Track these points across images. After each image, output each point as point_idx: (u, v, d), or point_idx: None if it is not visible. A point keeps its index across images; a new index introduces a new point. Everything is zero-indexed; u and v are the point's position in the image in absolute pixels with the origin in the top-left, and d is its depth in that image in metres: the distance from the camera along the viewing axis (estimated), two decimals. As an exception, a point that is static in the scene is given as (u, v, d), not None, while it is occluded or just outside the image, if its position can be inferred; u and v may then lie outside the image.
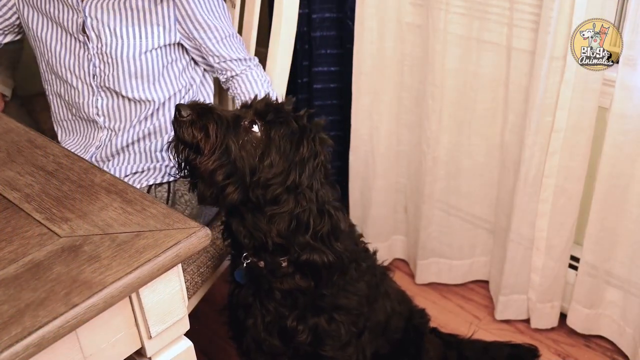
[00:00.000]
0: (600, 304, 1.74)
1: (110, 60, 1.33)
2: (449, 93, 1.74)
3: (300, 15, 1.73)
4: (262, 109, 1.12)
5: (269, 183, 1.09)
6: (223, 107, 1.20)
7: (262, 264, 1.18)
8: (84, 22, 1.31)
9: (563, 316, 1.84)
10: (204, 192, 1.09)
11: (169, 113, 1.42)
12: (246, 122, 1.10)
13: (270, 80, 1.48)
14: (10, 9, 1.41)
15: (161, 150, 1.43)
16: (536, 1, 1.50)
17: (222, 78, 1.46)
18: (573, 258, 1.77)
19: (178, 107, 1.06)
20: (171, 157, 1.12)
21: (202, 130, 1.06)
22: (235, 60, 1.43)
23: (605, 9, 1.39)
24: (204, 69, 1.48)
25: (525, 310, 1.86)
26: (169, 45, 1.37)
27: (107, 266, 0.83)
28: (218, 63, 1.42)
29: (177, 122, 1.07)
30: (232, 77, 1.45)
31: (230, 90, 1.48)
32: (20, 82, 2.05)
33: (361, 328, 1.31)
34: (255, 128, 1.10)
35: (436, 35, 1.66)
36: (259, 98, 1.17)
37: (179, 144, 1.08)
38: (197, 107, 1.08)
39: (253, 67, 1.45)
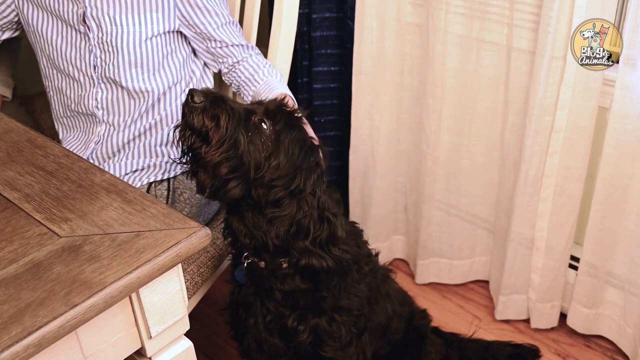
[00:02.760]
0: (600, 304, 1.74)
1: (110, 49, 1.34)
2: (449, 93, 1.74)
3: (300, 15, 1.73)
4: (274, 109, 1.11)
5: (273, 184, 1.09)
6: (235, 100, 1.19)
7: (262, 264, 1.18)
8: (84, 13, 1.32)
9: (563, 316, 1.84)
10: (205, 182, 1.07)
11: (169, 107, 1.42)
12: (257, 118, 1.10)
13: (272, 65, 1.47)
14: (8, 6, 1.41)
15: (160, 145, 1.43)
16: (536, 1, 1.50)
17: (223, 68, 1.46)
18: (573, 258, 1.77)
19: (191, 92, 1.04)
20: (175, 142, 1.10)
21: (213, 119, 1.04)
22: (237, 45, 1.43)
23: (605, 9, 1.39)
24: (204, 63, 1.48)
25: (525, 310, 1.86)
26: (169, 32, 1.37)
27: (107, 266, 0.83)
28: (220, 48, 1.42)
29: (188, 106, 1.05)
30: (233, 64, 1.44)
31: (234, 81, 1.47)
32: (20, 82, 2.05)
33: (362, 329, 1.31)
34: (265, 125, 1.09)
35: (436, 35, 1.66)
36: (263, 84, 1.17)
37: (186, 129, 1.06)
38: (210, 95, 1.06)
39: (254, 55, 1.45)
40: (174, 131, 1.09)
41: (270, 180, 1.09)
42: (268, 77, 1.42)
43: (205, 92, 1.06)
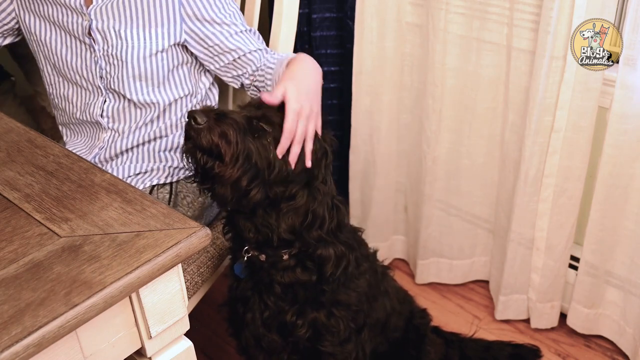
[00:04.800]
0: (600, 304, 1.74)
1: (116, 62, 1.32)
2: (449, 93, 1.74)
3: (300, 15, 1.73)
4: (273, 112, 1.12)
5: (289, 180, 1.12)
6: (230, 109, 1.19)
7: (263, 257, 1.19)
8: (89, 25, 1.30)
9: (563, 316, 1.84)
10: (226, 197, 1.08)
11: (174, 116, 1.40)
12: (260, 124, 1.11)
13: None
14: (9, 14, 1.39)
15: (165, 150, 1.43)
16: (536, 1, 1.50)
17: (245, 80, 1.37)
18: (573, 258, 1.77)
19: (192, 114, 1.04)
20: (185, 164, 1.12)
21: (222, 137, 1.05)
22: (255, 51, 1.34)
23: (605, 9, 1.39)
24: (214, 78, 1.45)
25: (525, 310, 1.86)
26: (175, 45, 1.34)
27: (107, 266, 0.83)
28: (238, 59, 1.35)
29: (192, 129, 1.05)
30: (253, 73, 1.36)
31: (260, 89, 1.38)
32: (20, 82, 2.05)
33: (360, 325, 1.32)
34: (268, 128, 1.11)
35: (436, 35, 1.66)
36: (277, 65, 1.19)
37: (196, 151, 1.06)
38: (211, 113, 1.06)
39: (270, 57, 1.35)
40: (183, 156, 1.09)
41: (285, 177, 1.11)
42: (279, 57, 1.34)
43: (205, 111, 1.06)
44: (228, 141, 1.05)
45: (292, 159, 1.11)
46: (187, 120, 1.06)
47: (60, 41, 1.36)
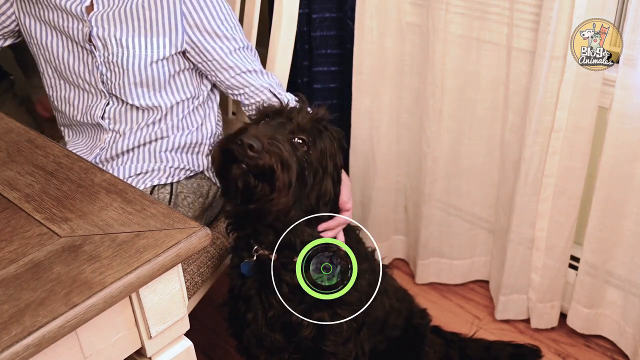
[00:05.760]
0: (600, 304, 1.74)
1: (116, 69, 1.31)
2: (449, 93, 1.74)
3: (300, 15, 1.73)
4: (308, 125, 1.15)
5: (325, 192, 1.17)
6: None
7: (275, 256, 1.19)
8: (90, 32, 1.30)
9: (563, 316, 1.84)
10: (269, 216, 1.11)
11: (176, 118, 1.40)
12: (299, 140, 1.13)
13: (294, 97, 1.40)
14: (9, 17, 1.38)
15: (165, 151, 1.43)
16: (536, 1, 1.50)
17: (244, 100, 1.40)
18: (573, 258, 1.77)
19: (248, 142, 1.03)
20: (234, 191, 1.10)
21: (277, 161, 1.05)
22: (251, 71, 1.37)
23: (605, 9, 1.39)
24: (212, 87, 1.46)
25: (525, 310, 1.86)
26: (176, 54, 1.34)
27: (107, 266, 0.83)
28: (235, 77, 1.36)
29: (247, 156, 1.04)
30: (253, 95, 1.37)
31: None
32: (20, 82, 2.05)
33: (360, 323, 1.32)
34: (301, 140, 1.13)
35: (436, 35, 1.66)
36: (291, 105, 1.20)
37: (249, 175, 1.06)
38: (262, 137, 1.05)
39: (282, 94, 1.38)
40: (236, 182, 1.08)
41: (325, 193, 1.17)
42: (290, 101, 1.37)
43: (256, 135, 1.05)
44: (284, 166, 1.06)
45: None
46: (237, 145, 1.04)
47: (62, 45, 1.35)
